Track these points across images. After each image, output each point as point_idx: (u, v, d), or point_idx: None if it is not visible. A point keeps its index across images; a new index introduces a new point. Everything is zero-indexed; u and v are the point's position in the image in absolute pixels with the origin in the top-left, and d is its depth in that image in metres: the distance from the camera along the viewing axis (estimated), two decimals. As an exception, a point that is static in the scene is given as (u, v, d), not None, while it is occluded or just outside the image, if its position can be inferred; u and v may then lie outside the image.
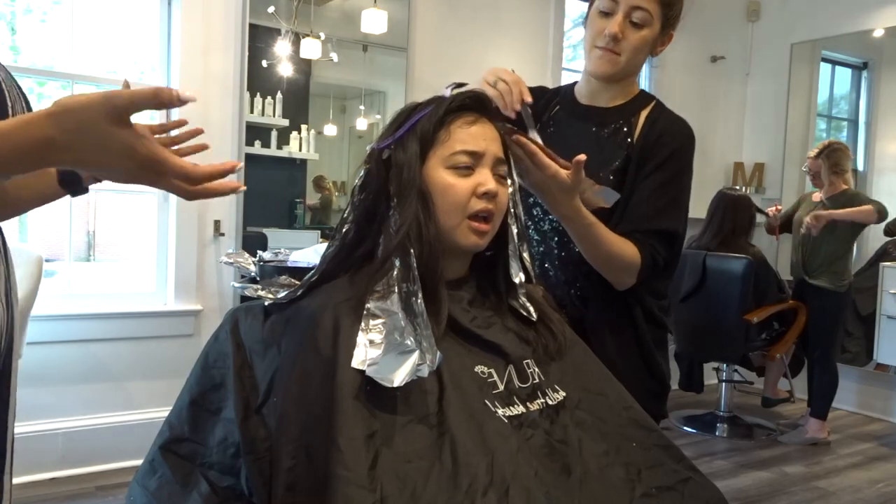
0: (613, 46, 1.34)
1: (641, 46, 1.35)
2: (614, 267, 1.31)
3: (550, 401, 1.00)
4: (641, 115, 1.40)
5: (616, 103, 1.42)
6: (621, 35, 1.33)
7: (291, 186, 3.63)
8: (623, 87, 1.42)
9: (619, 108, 1.41)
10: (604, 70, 1.37)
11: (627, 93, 1.42)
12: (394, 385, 0.87)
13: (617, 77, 1.39)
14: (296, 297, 1.02)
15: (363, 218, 1.06)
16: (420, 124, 1.04)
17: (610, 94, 1.42)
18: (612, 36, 1.33)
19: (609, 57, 1.35)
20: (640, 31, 1.34)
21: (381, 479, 0.82)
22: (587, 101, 1.45)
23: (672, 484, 1.00)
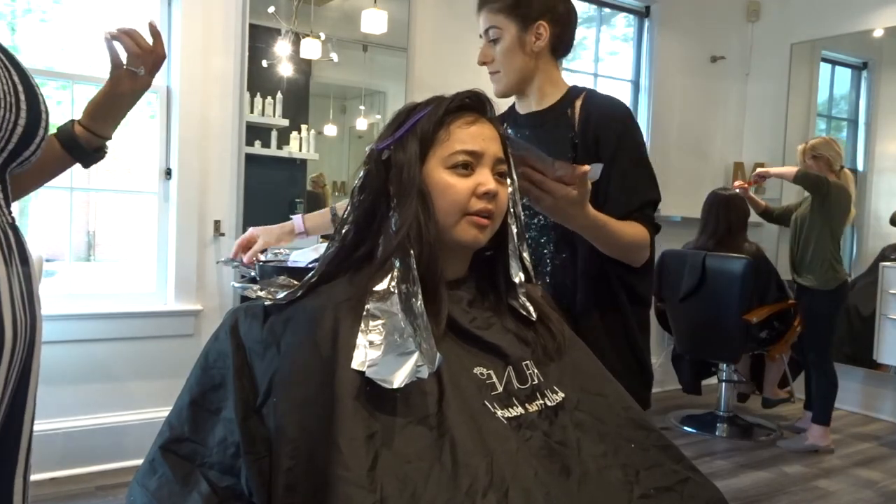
0: (490, 69, 1.51)
1: (507, 56, 1.48)
2: (633, 251, 1.41)
3: (549, 402, 1.00)
4: (576, 107, 1.48)
5: (547, 104, 1.52)
6: (488, 58, 1.50)
7: (291, 186, 3.63)
8: (542, 89, 1.51)
9: (552, 107, 1.51)
10: (496, 90, 1.51)
11: (553, 92, 1.52)
12: (393, 386, 0.87)
13: (511, 90, 1.52)
14: (295, 297, 1.02)
15: (363, 219, 1.06)
16: (419, 124, 1.04)
17: (533, 98, 1.53)
18: (482, 64, 1.52)
19: (493, 78, 1.52)
20: (498, 45, 1.48)
21: (381, 480, 0.82)
22: (523, 111, 1.57)
23: (671, 484, 1.00)
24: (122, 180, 5.57)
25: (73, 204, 3.04)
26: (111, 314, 2.96)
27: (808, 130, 4.75)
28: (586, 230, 1.33)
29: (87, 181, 4.30)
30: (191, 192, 3.07)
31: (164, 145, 3.08)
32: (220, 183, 3.16)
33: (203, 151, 3.08)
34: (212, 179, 3.14)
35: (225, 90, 3.14)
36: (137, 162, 3.62)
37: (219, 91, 3.13)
